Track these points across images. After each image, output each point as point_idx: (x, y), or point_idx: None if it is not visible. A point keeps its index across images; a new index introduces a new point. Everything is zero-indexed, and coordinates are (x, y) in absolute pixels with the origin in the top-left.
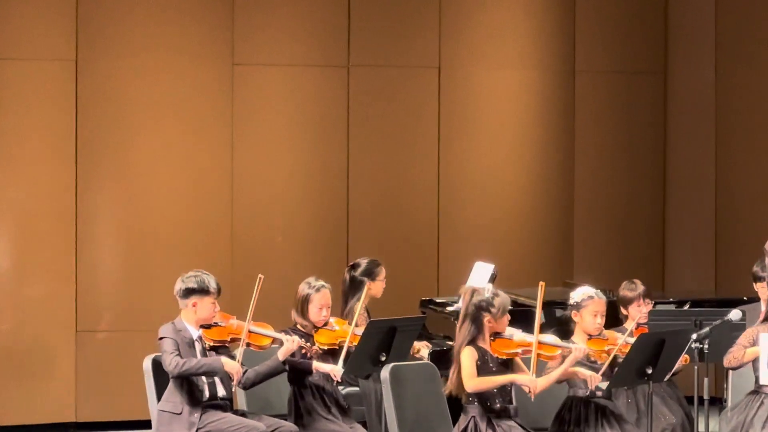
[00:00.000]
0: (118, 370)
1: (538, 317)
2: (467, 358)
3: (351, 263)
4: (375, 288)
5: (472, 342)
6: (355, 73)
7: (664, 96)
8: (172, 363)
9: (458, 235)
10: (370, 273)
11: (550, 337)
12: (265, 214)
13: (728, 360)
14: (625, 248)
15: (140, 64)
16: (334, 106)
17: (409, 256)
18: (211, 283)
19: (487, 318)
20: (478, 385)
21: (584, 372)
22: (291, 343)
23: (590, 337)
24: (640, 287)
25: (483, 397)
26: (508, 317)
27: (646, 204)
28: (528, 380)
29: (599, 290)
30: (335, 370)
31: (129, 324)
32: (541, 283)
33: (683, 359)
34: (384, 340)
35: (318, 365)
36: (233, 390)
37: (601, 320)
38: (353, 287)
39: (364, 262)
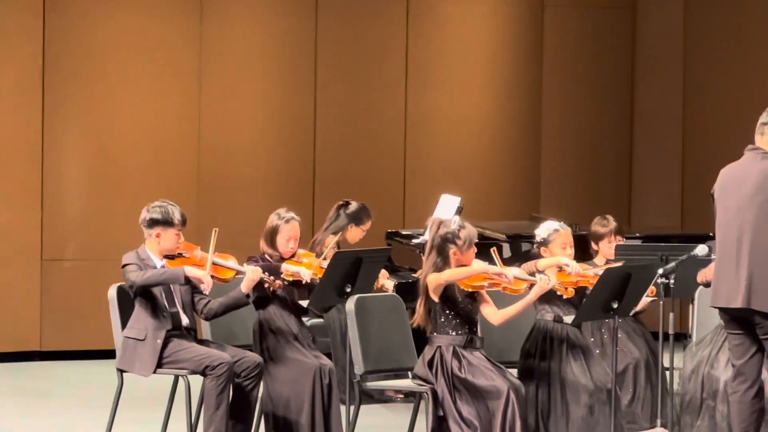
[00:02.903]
0: (83, 299)
1: (495, 252)
2: (447, 275)
3: (345, 200)
4: (353, 234)
5: None
6: (323, 3)
7: (633, 30)
8: (134, 275)
9: (425, 167)
10: (356, 218)
11: (516, 270)
12: (232, 146)
13: (703, 274)
14: (592, 182)
15: (109, 2)
16: (301, 39)
17: (375, 189)
18: (176, 215)
19: (453, 250)
20: (504, 317)
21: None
22: (253, 273)
23: (561, 269)
24: (612, 223)
25: (448, 328)
26: (474, 250)
27: (613, 138)
28: (542, 282)
29: (562, 222)
30: (303, 271)
31: (94, 253)
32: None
33: (644, 303)
34: (349, 271)
35: (287, 267)
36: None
37: (570, 251)
38: (334, 222)
39: (355, 205)
